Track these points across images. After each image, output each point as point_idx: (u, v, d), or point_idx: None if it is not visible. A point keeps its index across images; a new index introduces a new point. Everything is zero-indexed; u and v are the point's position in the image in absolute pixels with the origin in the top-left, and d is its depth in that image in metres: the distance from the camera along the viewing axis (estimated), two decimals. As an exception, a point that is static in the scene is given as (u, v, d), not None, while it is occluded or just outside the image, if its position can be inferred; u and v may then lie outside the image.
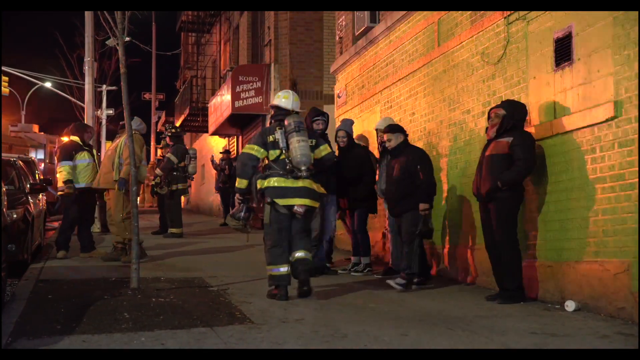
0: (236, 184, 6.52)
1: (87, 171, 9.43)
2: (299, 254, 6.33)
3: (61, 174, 9.32)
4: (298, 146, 6.20)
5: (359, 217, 8.53)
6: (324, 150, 6.62)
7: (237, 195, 6.59)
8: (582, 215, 5.90)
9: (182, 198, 13.69)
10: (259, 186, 6.35)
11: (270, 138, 6.36)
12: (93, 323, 5.06)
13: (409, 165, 7.20)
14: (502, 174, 6.20)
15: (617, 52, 5.52)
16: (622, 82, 5.47)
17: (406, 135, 7.51)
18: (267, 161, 6.44)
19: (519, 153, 6.19)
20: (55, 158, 9.76)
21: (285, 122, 6.35)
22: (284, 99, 6.57)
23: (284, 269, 6.25)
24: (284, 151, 6.30)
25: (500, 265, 6.33)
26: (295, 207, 6.27)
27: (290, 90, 6.84)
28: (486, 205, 6.40)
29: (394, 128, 7.49)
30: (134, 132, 9.07)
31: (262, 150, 6.37)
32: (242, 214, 6.55)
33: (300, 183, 6.29)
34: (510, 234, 6.29)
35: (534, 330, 5.06)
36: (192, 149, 13.61)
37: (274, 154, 6.35)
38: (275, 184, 6.28)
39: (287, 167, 6.27)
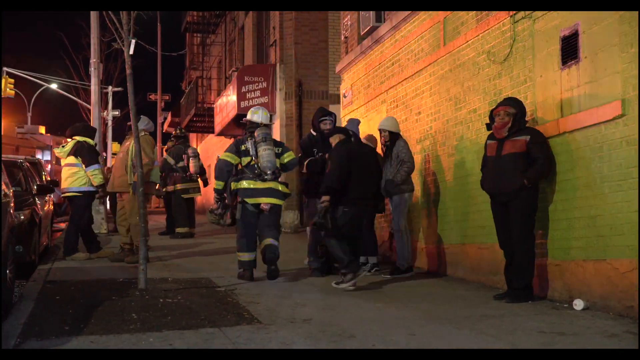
0: (214, 185, 7.74)
1: (101, 174, 9.50)
2: (266, 241, 7.39)
3: (96, 176, 9.35)
4: (264, 154, 7.40)
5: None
6: (287, 157, 7.76)
7: (215, 194, 7.76)
8: (589, 214, 5.88)
9: (194, 197, 13.67)
10: (232, 187, 7.55)
11: (243, 147, 7.58)
12: (101, 324, 5.07)
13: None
14: (528, 172, 6.18)
15: (624, 49, 5.50)
16: (629, 80, 5.44)
17: (347, 137, 7.67)
18: (240, 166, 7.59)
19: (538, 151, 6.18)
20: (77, 159, 9.54)
21: (255, 134, 7.56)
22: (255, 114, 7.84)
23: (249, 256, 7.44)
24: (253, 158, 7.48)
25: (513, 263, 6.31)
26: (262, 205, 7.42)
27: (260, 107, 8.08)
28: (504, 204, 6.37)
29: (334, 131, 7.85)
30: (144, 133, 9.10)
31: (235, 157, 7.60)
32: (219, 210, 7.72)
33: (266, 185, 7.45)
34: (528, 232, 6.27)
35: (542, 329, 5.04)
36: (191, 148, 13.58)
37: (245, 160, 7.56)
38: (246, 186, 7.46)
39: (256, 171, 7.46)
